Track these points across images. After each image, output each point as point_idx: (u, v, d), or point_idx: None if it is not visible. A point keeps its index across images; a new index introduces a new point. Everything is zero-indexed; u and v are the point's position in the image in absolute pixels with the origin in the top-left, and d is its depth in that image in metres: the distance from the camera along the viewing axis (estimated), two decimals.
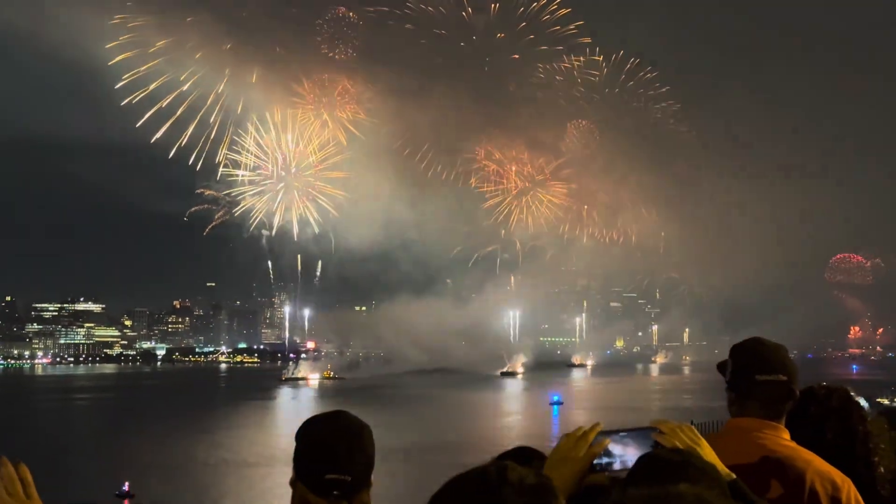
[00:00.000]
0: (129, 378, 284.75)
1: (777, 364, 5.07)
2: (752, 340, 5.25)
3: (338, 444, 4.25)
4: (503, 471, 3.12)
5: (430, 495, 3.23)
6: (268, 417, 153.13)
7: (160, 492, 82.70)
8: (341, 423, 4.35)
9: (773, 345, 5.19)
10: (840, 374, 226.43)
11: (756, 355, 5.12)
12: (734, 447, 4.90)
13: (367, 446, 4.34)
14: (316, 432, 4.31)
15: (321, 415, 4.43)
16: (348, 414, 4.45)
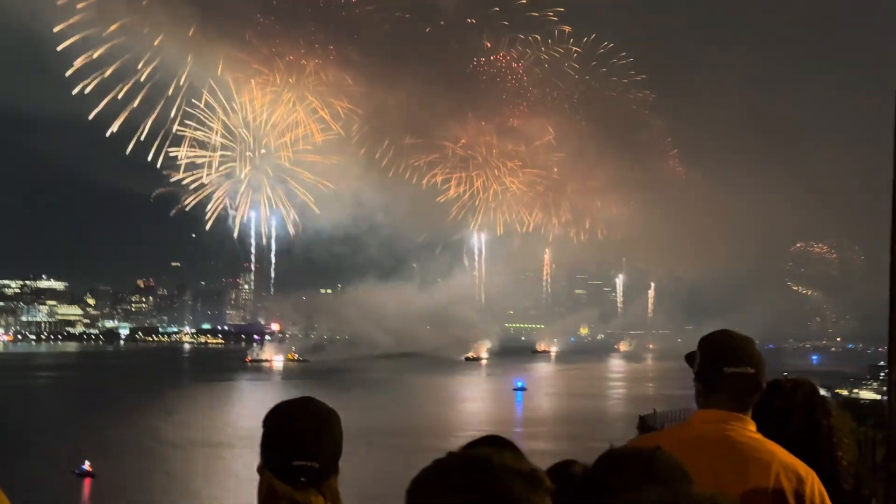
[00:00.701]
0: (91, 357, 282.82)
1: (745, 356, 5.10)
2: (721, 333, 5.27)
3: (305, 430, 4.21)
4: (499, 456, 3.07)
5: (411, 480, 3.16)
6: (231, 399, 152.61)
7: (121, 471, 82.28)
8: (309, 410, 4.31)
9: (742, 337, 5.21)
10: (800, 364, 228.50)
11: (724, 347, 5.14)
12: (701, 438, 4.95)
13: (335, 432, 4.30)
14: (283, 418, 4.25)
15: (288, 401, 4.38)
16: (315, 400, 4.41)
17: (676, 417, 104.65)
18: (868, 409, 63.40)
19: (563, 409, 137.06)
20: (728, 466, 4.78)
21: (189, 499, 73.68)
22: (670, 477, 3.66)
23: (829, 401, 5.78)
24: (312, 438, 4.19)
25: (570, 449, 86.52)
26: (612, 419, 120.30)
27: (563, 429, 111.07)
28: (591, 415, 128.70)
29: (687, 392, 25.09)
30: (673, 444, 5.09)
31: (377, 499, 59.75)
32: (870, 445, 7.87)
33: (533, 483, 2.98)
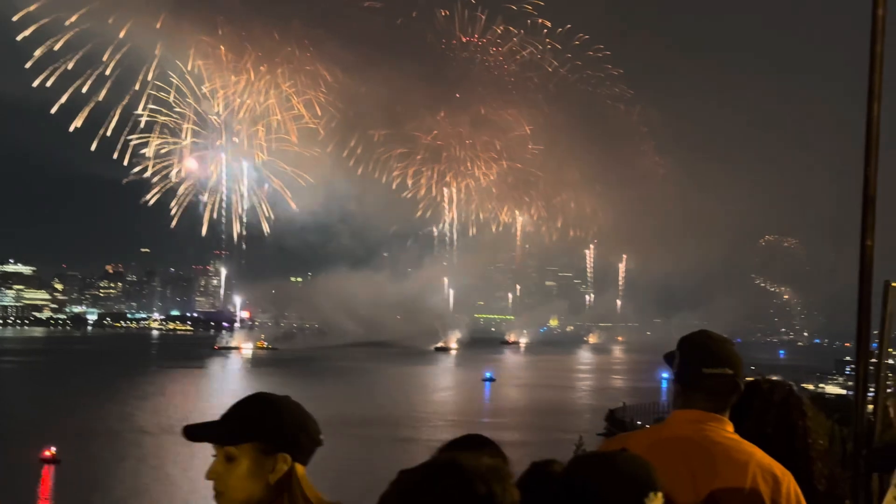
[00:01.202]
0: (58, 342, 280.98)
1: (723, 357, 5.12)
2: (700, 333, 5.29)
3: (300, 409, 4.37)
4: (458, 460, 3.16)
5: (383, 494, 3.20)
6: (199, 386, 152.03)
7: (86, 457, 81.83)
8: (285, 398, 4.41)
9: (721, 338, 5.23)
10: (768, 358, 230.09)
11: (703, 348, 5.16)
12: (678, 439, 4.98)
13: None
14: (301, 414, 4.34)
15: (281, 395, 4.43)
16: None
17: (645, 411, 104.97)
18: (834, 403, 64.07)
19: (531, 400, 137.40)
20: (705, 467, 4.79)
21: (155, 485, 73.40)
22: (636, 479, 3.67)
23: (805, 402, 5.81)
24: (316, 425, 4.40)
25: (539, 440, 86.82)
26: (581, 411, 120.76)
27: (531, 420, 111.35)
28: (560, 406, 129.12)
29: (654, 385, 25.25)
30: (651, 444, 5.08)
31: (345, 487, 59.65)
32: (839, 441, 7.90)
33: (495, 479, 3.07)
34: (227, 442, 4.22)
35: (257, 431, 4.18)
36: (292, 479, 4.14)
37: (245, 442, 4.18)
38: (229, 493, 4.17)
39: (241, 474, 4.15)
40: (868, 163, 7.28)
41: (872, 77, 7.31)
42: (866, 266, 7.16)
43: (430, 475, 3.13)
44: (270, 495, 4.16)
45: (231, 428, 4.22)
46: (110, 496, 69.24)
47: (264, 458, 4.18)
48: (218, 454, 4.21)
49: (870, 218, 7.22)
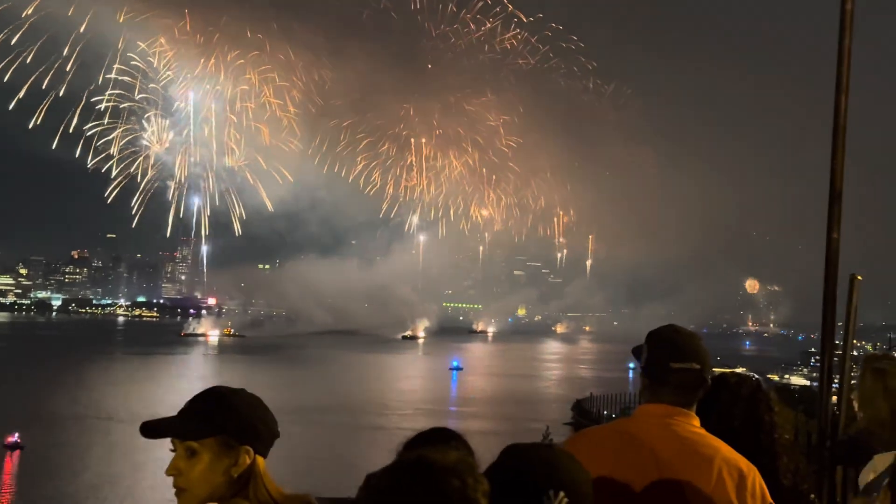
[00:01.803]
0: (22, 328, 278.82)
1: (691, 352, 5.14)
2: (668, 328, 5.30)
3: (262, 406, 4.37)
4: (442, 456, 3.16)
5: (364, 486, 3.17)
6: (164, 373, 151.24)
7: (51, 443, 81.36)
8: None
9: (688, 333, 5.25)
10: (733, 349, 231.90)
11: (671, 343, 5.17)
12: (645, 432, 4.99)
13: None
14: (261, 407, 4.29)
15: (238, 388, 4.38)
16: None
17: (612, 401, 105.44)
18: (798, 394, 64.61)
19: (498, 389, 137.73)
20: (671, 461, 4.81)
21: (122, 471, 73.05)
22: (539, 475, 3.65)
23: (772, 397, 5.84)
24: (275, 419, 4.37)
25: (506, 429, 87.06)
26: (548, 400, 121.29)
27: (498, 409, 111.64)
28: (527, 396, 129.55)
29: (621, 375, 25.35)
30: (617, 438, 5.10)
31: (311, 474, 59.79)
32: (804, 434, 7.96)
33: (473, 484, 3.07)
34: (189, 437, 4.15)
35: (220, 425, 4.12)
36: (256, 472, 4.07)
37: (208, 436, 4.11)
38: (192, 488, 4.10)
39: (204, 469, 4.09)
40: (835, 156, 7.33)
41: (840, 71, 7.36)
42: (832, 258, 7.21)
43: (400, 476, 3.10)
44: (233, 489, 4.10)
45: (193, 422, 4.14)
46: (74, 482, 68.88)
47: (227, 451, 4.11)
48: (178, 449, 4.14)
49: (836, 211, 7.27)
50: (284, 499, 4.16)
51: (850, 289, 7.04)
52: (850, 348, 7.18)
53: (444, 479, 3.03)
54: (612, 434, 5.21)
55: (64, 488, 66.73)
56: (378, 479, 3.13)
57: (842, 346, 7.36)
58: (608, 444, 5.06)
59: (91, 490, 67.40)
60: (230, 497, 4.09)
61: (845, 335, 7.26)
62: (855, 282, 7.09)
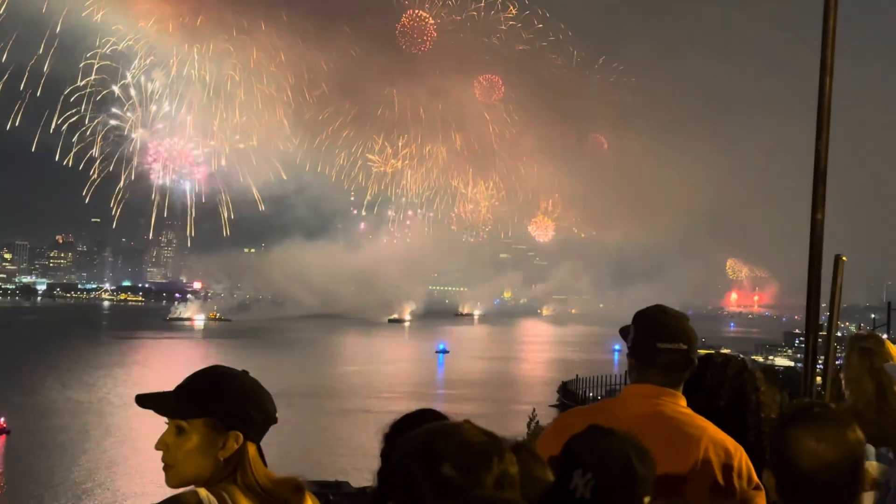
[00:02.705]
0: (6, 313, 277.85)
1: (678, 332, 5.14)
2: (655, 308, 5.30)
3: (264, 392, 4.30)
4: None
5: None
6: (150, 356, 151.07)
7: (36, 427, 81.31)
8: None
9: (676, 313, 5.26)
10: (718, 330, 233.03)
11: (658, 323, 5.18)
12: (632, 412, 4.98)
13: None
14: (245, 382, 4.21)
15: (238, 370, 4.35)
16: None
17: (597, 383, 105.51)
18: (782, 375, 64.94)
19: (485, 371, 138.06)
20: (658, 441, 4.82)
21: (106, 455, 73.06)
22: (600, 456, 3.70)
23: (759, 376, 5.85)
24: (273, 404, 4.31)
25: (493, 411, 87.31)
26: (534, 382, 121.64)
27: (485, 392, 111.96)
28: (513, 378, 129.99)
29: (607, 357, 25.39)
30: (604, 418, 5.11)
31: (299, 458, 59.79)
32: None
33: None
34: (177, 415, 4.11)
35: (210, 407, 4.07)
36: (244, 457, 4.05)
37: (197, 417, 4.07)
38: (178, 466, 4.07)
39: (191, 449, 4.06)
40: (819, 136, 7.33)
41: (825, 52, 7.36)
42: (817, 239, 7.23)
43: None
44: (220, 473, 4.05)
45: (183, 401, 4.11)
46: (60, 465, 68.90)
47: (216, 434, 4.06)
48: (169, 425, 4.11)
49: (821, 191, 7.28)
50: (273, 484, 4.13)
51: (835, 270, 7.05)
52: (834, 329, 7.21)
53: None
54: (598, 414, 5.21)
55: (49, 471, 66.70)
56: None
57: (826, 326, 7.39)
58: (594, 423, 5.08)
59: (76, 472, 67.42)
60: (218, 481, 4.03)
61: (830, 316, 7.28)
62: (840, 263, 7.10)
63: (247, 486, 4.05)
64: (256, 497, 4.06)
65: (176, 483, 4.07)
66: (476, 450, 3.15)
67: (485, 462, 3.14)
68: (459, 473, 3.08)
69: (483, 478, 3.09)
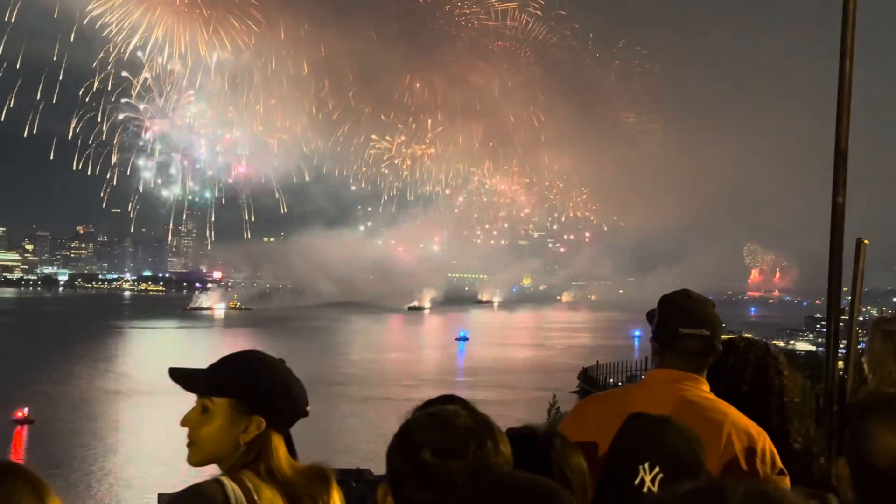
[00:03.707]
0: (29, 303, 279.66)
1: (701, 318, 5.12)
2: (680, 293, 5.27)
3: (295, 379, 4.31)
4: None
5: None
6: (172, 346, 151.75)
7: (60, 417, 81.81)
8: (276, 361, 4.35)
9: (700, 298, 5.23)
10: (738, 315, 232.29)
11: (681, 308, 5.15)
12: (654, 398, 4.96)
13: None
14: (275, 369, 4.24)
15: (273, 358, 4.37)
16: None
17: (617, 369, 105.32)
18: (804, 360, 64.63)
19: (505, 358, 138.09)
20: None
21: (130, 444, 73.47)
22: (668, 449, 3.70)
23: (782, 360, 5.82)
24: (304, 395, 4.30)
25: (513, 398, 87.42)
26: (554, 369, 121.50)
27: (505, 378, 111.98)
28: (534, 364, 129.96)
29: (627, 342, 25.29)
30: (626, 403, 5.09)
31: (320, 447, 59.76)
32: (813, 398, 7.95)
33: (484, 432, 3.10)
34: (203, 392, 4.15)
35: (234, 389, 4.11)
36: (266, 445, 4.07)
37: (221, 396, 4.11)
38: (200, 444, 4.10)
39: (213, 429, 4.08)
40: (840, 119, 7.29)
41: (845, 33, 7.32)
42: (837, 223, 7.19)
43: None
44: (242, 457, 4.07)
45: (211, 379, 4.16)
46: (85, 455, 69.32)
47: (238, 416, 4.08)
48: (197, 403, 4.15)
49: (841, 174, 7.24)
50: (297, 473, 4.14)
51: (857, 253, 7.01)
52: (856, 313, 7.18)
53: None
54: (620, 399, 5.21)
55: (73, 461, 67.14)
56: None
57: (848, 310, 7.36)
58: (616, 409, 5.04)
59: (99, 462, 67.83)
60: (240, 467, 4.04)
61: (852, 300, 7.25)
62: (861, 246, 7.07)
63: (269, 474, 4.06)
64: (278, 486, 4.08)
65: (197, 461, 4.12)
66: (456, 436, 3.07)
67: (461, 448, 3.04)
68: (437, 458, 3.02)
69: (453, 465, 3.00)
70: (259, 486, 4.01)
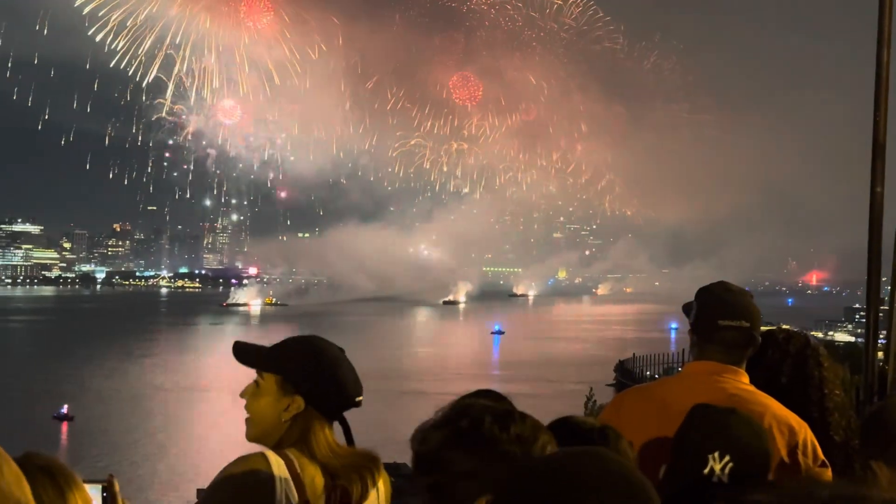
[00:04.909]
0: (67, 301, 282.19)
1: (740, 310, 5.09)
2: (718, 284, 5.25)
3: (347, 365, 4.47)
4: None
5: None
6: (209, 343, 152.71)
7: (100, 414, 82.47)
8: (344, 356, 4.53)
9: (739, 290, 5.20)
10: (776, 306, 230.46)
11: (720, 300, 5.12)
12: (693, 390, 4.92)
13: None
14: (334, 365, 4.38)
15: (327, 343, 4.48)
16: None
17: (654, 361, 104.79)
18: (843, 351, 64.10)
19: (540, 352, 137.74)
20: None
21: (172, 440, 73.97)
22: (739, 440, 3.76)
23: (822, 352, 5.77)
24: (355, 383, 4.45)
25: (550, 391, 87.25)
26: (590, 362, 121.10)
27: (541, 372, 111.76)
28: (569, 358, 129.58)
29: (663, 335, 25.21)
30: (665, 396, 5.07)
31: (357, 441, 59.89)
32: (853, 390, 7.91)
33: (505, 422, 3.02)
34: (252, 365, 4.30)
35: (279, 366, 4.23)
36: (307, 426, 4.17)
37: (269, 371, 4.24)
38: (252, 417, 4.25)
39: (262, 404, 4.22)
40: (878, 109, 7.25)
41: (882, 23, 7.27)
42: (876, 213, 7.16)
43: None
44: (287, 435, 4.18)
45: (262, 354, 4.31)
46: (126, 451, 69.85)
47: (282, 393, 4.21)
48: (256, 378, 4.30)
49: (880, 164, 7.21)
50: (339, 456, 4.24)
51: None
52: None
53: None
54: (658, 392, 5.20)
55: (113, 457, 67.68)
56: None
57: (888, 301, 7.32)
58: (654, 402, 5.04)
59: (139, 457, 68.35)
60: (287, 445, 4.14)
61: (891, 290, 7.21)
62: None
63: (311, 455, 4.16)
64: (321, 466, 4.15)
65: (252, 436, 4.27)
66: (499, 410, 3.08)
67: (509, 419, 3.04)
68: (496, 426, 2.99)
69: (505, 435, 2.97)
70: (304, 462, 4.10)
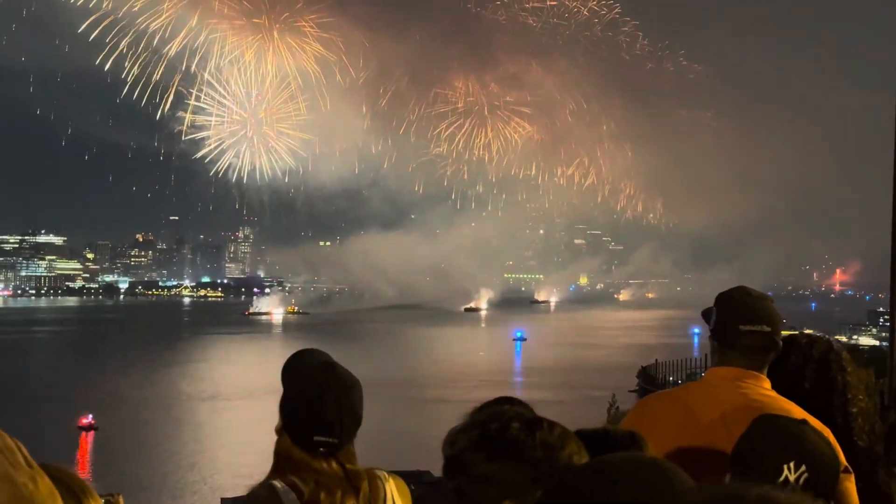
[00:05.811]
0: (91, 311, 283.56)
1: (761, 314, 5.05)
2: (738, 290, 5.20)
3: (329, 403, 4.17)
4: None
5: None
6: (231, 352, 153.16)
7: (124, 423, 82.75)
8: (334, 379, 4.27)
9: (759, 294, 5.15)
10: (799, 310, 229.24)
11: (741, 305, 5.07)
12: (715, 396, 4.92)
13: (357, 406, 4.30)
14: (306, 385, 4.23)
15: (313, 363, 4.38)
16: (339, 367, 4.40)
17: (677, 367, 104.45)
18: (867, 355, 63.66)
19: (562, 358, 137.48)
20: (742, 424, 4.76)
21: (196, 449, 74.17)
22: (811, 450, 3.77)
23: (846, 357, 5.70)
24: (335, 414, 4.17)
25: (572, 398, 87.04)
26: (613, 368, 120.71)
27: (563, 378, 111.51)
28: (592, 364, 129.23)
29: (686, 340, 25.14)
30: (687, 402, 5.04)
31: (380, 449, 60.12)
32: (877, 394, 7.83)
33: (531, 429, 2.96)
34: None
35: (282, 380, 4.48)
36: (279, 453, 4.29)
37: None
38: None
39: None
40: None
41: None
42: None
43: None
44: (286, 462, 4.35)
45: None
46: (150, 461, 70.08)
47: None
48: None
49: None
50: (319, 481, 4.24)
51: None
52: None
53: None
54: (680, 398, 5.16)
55: (138, 466, 67.90)
56: None
57: None
58: (677, 407, 5.00)
59: (164, 467, 68.54)
60: (289, 470, 4.24)
61: None
62: None
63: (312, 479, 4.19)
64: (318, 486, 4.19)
65: None
66: (528, 416, 3.03)
67: (536, 426, 2.96)
68: (524, 431, 2.93)
69: (531, 441, 2.89)
70: (309, 484, 4.17)
